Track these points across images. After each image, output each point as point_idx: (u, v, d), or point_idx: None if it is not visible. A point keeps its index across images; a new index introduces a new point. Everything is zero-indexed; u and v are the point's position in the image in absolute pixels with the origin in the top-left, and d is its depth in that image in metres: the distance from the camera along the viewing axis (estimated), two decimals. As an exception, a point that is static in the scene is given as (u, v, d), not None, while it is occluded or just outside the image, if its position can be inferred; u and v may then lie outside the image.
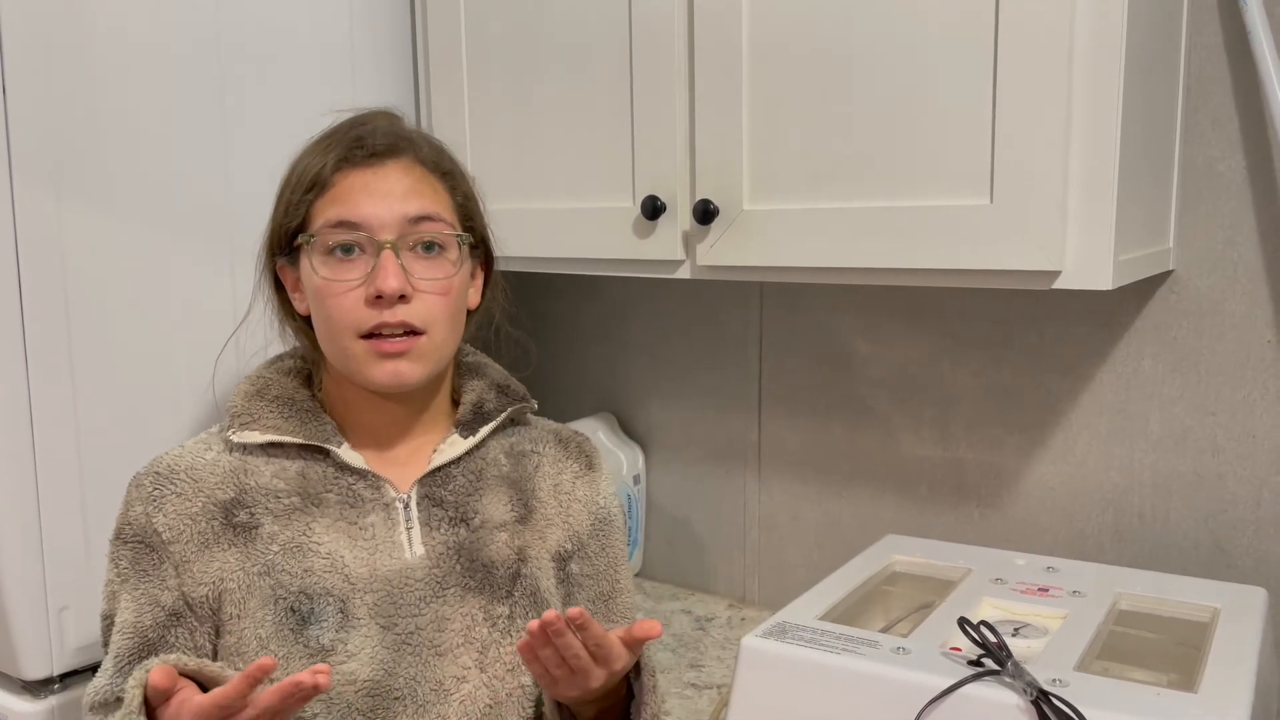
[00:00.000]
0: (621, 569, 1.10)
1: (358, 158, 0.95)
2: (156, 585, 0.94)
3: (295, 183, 0.96)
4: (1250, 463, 1.19)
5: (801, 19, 1.10)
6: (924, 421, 1.40)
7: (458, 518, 0.99)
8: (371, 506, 0.96)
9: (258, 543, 0.94)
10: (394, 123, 0.99)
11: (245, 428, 0.97)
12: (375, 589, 0.94)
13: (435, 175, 0.98)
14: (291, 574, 0.93)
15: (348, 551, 0.94)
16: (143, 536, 0.94)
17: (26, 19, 1.11)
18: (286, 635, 0.91)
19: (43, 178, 1.13)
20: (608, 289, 1.70)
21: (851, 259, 1.09)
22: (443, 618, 0.95)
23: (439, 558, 0.96)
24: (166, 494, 0.95)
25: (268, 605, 0.92)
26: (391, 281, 0.91)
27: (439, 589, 0.95)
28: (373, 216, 0.92)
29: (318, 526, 0.95)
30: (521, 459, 1.05)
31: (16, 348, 1.12)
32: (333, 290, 0.93)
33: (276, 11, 1.34)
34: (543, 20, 1.31)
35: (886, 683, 0.89)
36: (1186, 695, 0.84)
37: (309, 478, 0.96)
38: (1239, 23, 1.14)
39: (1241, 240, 1.17)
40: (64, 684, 1.20)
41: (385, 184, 0.94)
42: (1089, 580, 1.09)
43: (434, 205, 0.96)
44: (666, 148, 1.21)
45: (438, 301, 0.94)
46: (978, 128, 1.00)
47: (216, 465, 0.96)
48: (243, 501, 0.95)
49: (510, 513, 1.02)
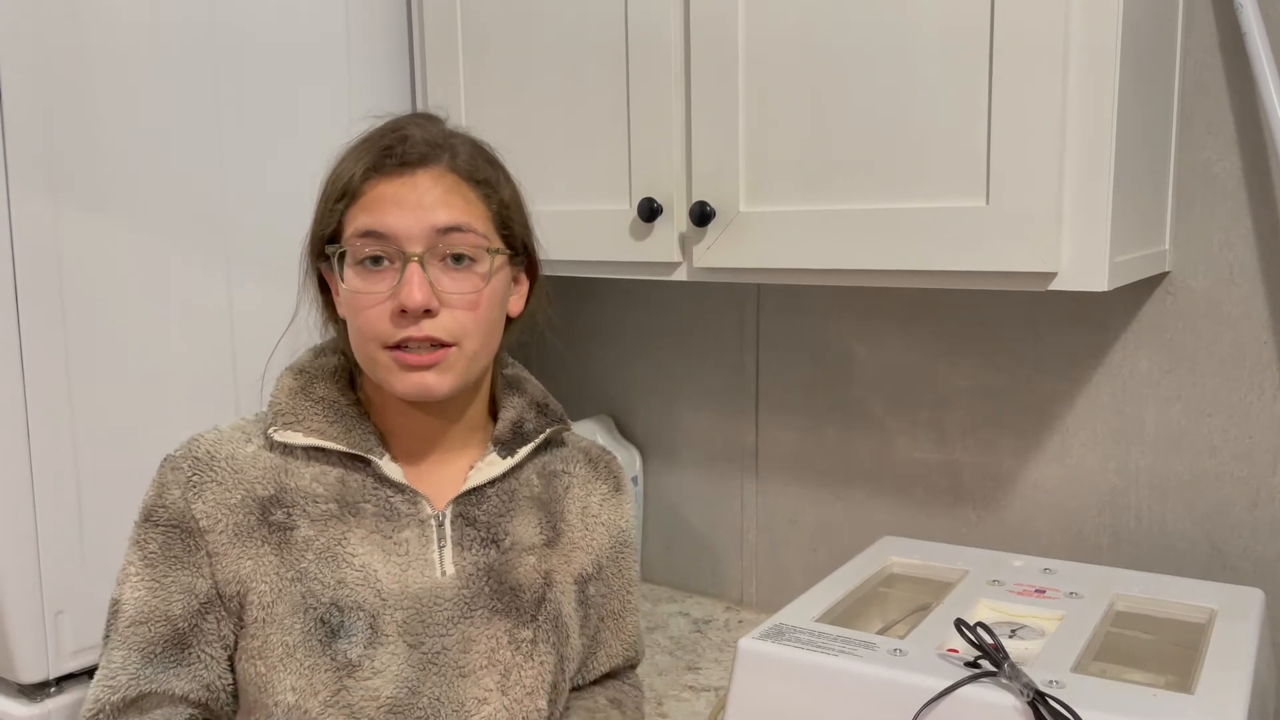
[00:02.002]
0: (633, 589, 1.10)
1: (388, 166, 0.92)
2: (191, 572, 0.92)
3: (329, 190, 0.94)
4: (1247, 464, 1.19)
5: (797, 21, 1.10)
6: (920, 424, 1.40)
7: (489, 539, 0.98)
8: (407, 522, 0.95)
9: (293, 546, 0.92)
10: (430, 129, 0.96)
11: (289, 427, 0.95)
12: (405, 606, 0.92)
13: (469, 184, 0.94)
14: (324, 584, 0.91)
15: (381, 566, 0.93)
16: (178, 521, 0.92)
17: (22, 21, 1.11)
18: (314, 646, 0.90)
19: (39, 180, 1.13)
20: (604, 291, 1.70)
21: (848, 261, 1.09)
22: (469, 639, 0.94)
23: (468, 578, 0.95)
24: (207, 481, 0.93)
25: (297, 613, 0.91)
26: (416, 296, 0.89)
27: (467, 610, 0.94)
28: (400, 228, 0.90)
29: (353, 537, 0.93)
30: (553, 480, 1.04)
31: (12, 351, 1.12)
32: (361, 302, 0.91)
33: (272, 11, 1.34)
34: (539, 23, 1.31)
35: (884, 684, 0.89)
36: (1183, 696, 0.84)
37: (348, 486, 0.95)
38: (1234, 24, 1.14)
39: (1237, 242, 1.17)
40: (60, 687, 1.20)
41: (414, 194, 0.91)
42: (1086, 582, 1.09)
43: (464, 216, 0.92)
44: (663, 150, 1.21)
45: (468, 314, 0.92)
46: (973, 129, 1.00)
47: (258, 460, 0.95)
48: (281, 500, 0.93)
49: (539, 536, 1.01)
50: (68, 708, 1.19)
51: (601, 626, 1.07)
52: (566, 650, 1.00)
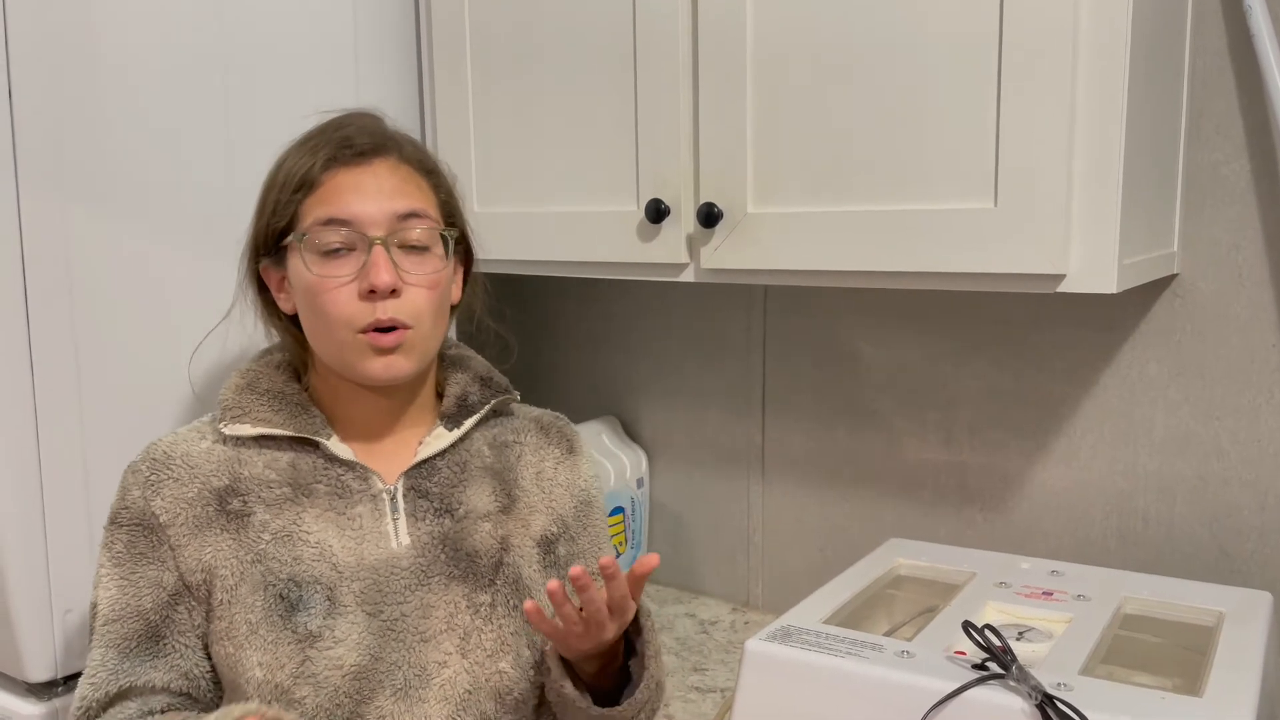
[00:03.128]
0: (604, 547, 1.12)
1: (346, 157, 0.97)
2: (156, 567, 0.96)
3: (282, 183, 0.98)
4: (1255, 467, 1.19)
5: (805, 22, 1.10)
6: (928, 425, 1.40)
7: (442, 509, 1.01)
8: (359, 497, 0.99)
9: (250, 530, 0.96)
10: (377, 123, 1.02)
11: (236, 420, 0.99)
12: (362, 577, 0.96)
13: (420, 173, 1.01)
14: (281, 561, 0.95)
15: (336, 541, 0.97)
16: (140, 519, 0.96)
17: (32, 20, 1.11)
18: (275, 621, 0.94)
19: (48, 177, 1.13)
20: (611, 292, 1.70)
21: (856, 262, 1.09)
22: (427, 605, 0.97)
23: (424, 547, 0.99)
24: (164, 479, 0.97)
25: (258, 591, 0.94)
26: (385, 276, 0.93)
27: (424, 578, 0.98)
28: (363, 214, 0.95)
29: (307, 516, 0.97)
30: (504, 449, 1.08)
31: (22, 348, 1.13)
32: (325, 286, 0.95)
33: (280, 12, 1.34)
34: (547, 22, 1.31)
35: (891, 686, 0.89)
36: (1191, 699, 0.84)
37: (299, 468, 0.99)
38: (1243, 26, 1.14)
39: (1246, 244, 1.17)
40: (67, 686, 1.20)
41: (374, 182, 0.96)
42: (1093, 584, 1.09)
43: (421, 203, 0.98)
44: (670, 151, 1.21)
45: (425, 296, 0.97)
46: (982, 131, 1.00)
47: (211, 454, 0.99)
48: (236, 489, 0.97)
49: (494, 503, 1.04)
50: (75, 706, 1.19)
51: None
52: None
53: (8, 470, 1.13)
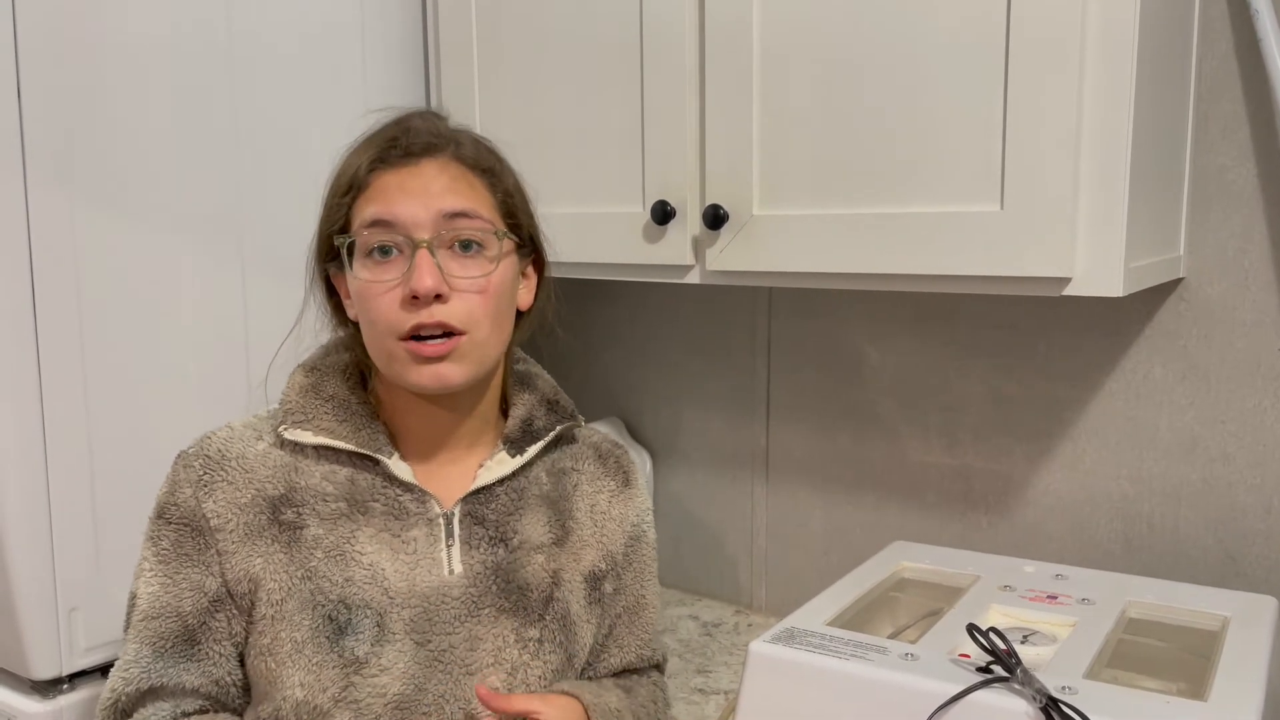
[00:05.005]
0: (649, 584, 1.09)
1: (393, 157, 0.93)
2: (201, 570, 0.93)
3: (335, 185, 0.95)
4: (1261, 471, 1.19)
5: (812, 24, 1.10)
6: (932, 429, 1.40)
7: (497, 537, 0.98)
8: (416, 520, 0.96)
9: (302, 545, 0.93)
10: (433, 122, 0.97)
11: (298, 426, 0.95)
12: (413, 604, 0.93)
13: (474, 172, 0.95)
14: (332, 581, 0.92)
15: (389, 564, 0.94)
16: (190, 520, 0.93)
17: (41, 20, 1.11)
18: (322, 643, 0.91)
19: (56, 178, 1.14)
20: (616, 294, 1.70)
21: (861, 264, 1.09)
22: (475, 637, 0.94)
23: (476, 577, 0.96)
24: (217, 480, 0.94)
25: (305, 610, 0.91)
26: (426, 281, 0.89)
27: (474, 609, 0.95)
28: (407, 215, 0.91)
29: (362, 535, 0.94)
30: (561, 477, 1.05)
31: (29, 350, 1.13)
32: (372, 291, 0.91)
33: (287, 10, 1.34)
34: (553, 23, 1.31)
35: (895, 689, 0.88)
36: (1196, 704, 0.84)
37: (358, 485, 0.96)
38: (1250, 30, 1.14)
39: (1252, 248, 1.17)
40: (73, 684, 1.20)
41: (420, 182, 0.92)
42: (1098, 588, 1.09)
43: (470, 202, 0.93)
44: (677, 152, 1.21)
45: (477, 300, 0.92)
46: (988, 134, 1.00)
47: (267, 457, 0.95)
48: (291, 500, 0.94)
49: (548, 534, 1.01)
50: (80, 704, 1.19)
51: (616, 621, 1.07)
52: (574, 649, 1.00)
53: (14, 470, 1.13)
